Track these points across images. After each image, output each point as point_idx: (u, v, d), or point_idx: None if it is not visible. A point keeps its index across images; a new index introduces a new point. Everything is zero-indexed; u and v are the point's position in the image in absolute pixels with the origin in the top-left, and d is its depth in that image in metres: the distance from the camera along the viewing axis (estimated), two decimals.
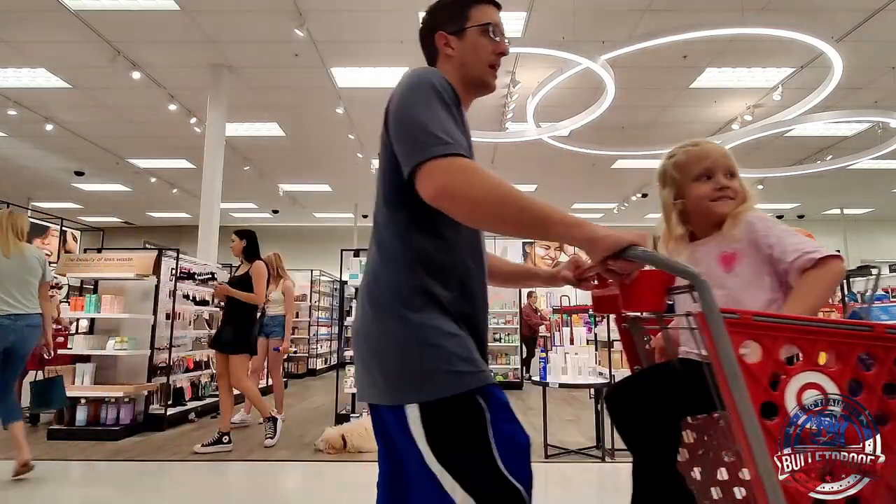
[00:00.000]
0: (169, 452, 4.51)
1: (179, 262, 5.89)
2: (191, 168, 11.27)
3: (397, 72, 6.84)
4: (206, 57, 6.94)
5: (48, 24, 6.13)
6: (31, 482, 3.71)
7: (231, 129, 8.92)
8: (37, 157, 10.81)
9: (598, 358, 4.82)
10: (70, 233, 8.87)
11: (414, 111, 1.09)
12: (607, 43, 5.98)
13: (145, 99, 8.02)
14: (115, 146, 10.19)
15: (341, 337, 12.69)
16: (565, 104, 7.73)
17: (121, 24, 6.15)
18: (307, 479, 4.11)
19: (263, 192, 13.32)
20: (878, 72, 7.13)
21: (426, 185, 1.04)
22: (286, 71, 7.27)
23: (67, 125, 9.09)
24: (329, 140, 9.78)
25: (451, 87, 1.16)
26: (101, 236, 8.82)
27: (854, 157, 8.47)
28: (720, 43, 6.45)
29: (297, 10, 5.86)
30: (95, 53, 6.65)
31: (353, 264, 5.81)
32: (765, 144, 9.60)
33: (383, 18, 6.07)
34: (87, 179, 12.27)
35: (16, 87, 7.73)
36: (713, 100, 8.13)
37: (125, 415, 5.14)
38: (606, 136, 9.25)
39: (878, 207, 14.99)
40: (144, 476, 4.01)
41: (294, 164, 11.32)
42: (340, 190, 13.29)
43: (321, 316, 11.98)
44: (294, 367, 10.84)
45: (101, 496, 3.74)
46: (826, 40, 4.96)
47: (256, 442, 4.95)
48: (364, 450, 4.51)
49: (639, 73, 7.15)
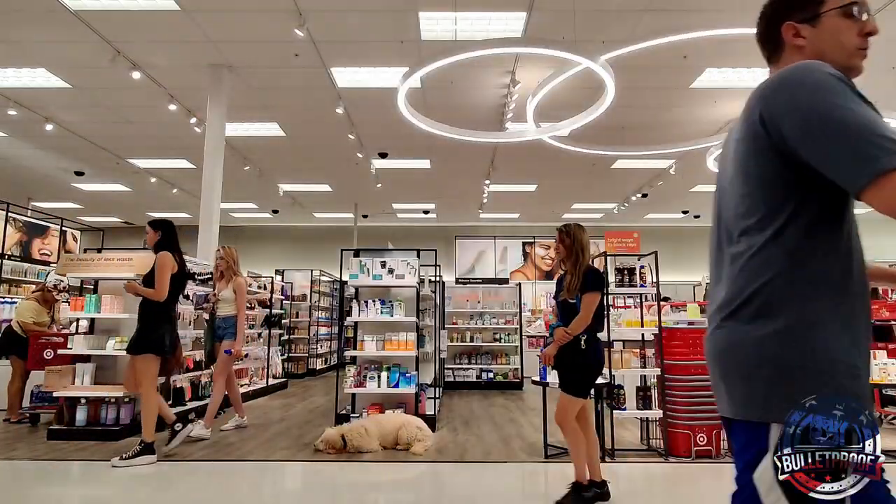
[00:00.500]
0: (169, 452, 4.51)
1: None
2: (191, 168, 11.27)
3: (397, 72, 6.83)
4: (206, 57, 6.94)
5: (48, 24, 6.13)
6: (31, 482, 3.71)
7: (231, 129, 8.91)
8: (37, 157, 10.81)
9: None
10: (70, 233, 8.87)
11: (837, 113, 0.97)
12: (607, 43, 5.99)
13: (145, 99, 8.02)
14: (115, 146, 10.19)
15: (341, 337, 12.72)
16: (565, 104, 7.73)
17: (121, 24, 6.15)
18: (307, 479, 4.10)
19: (263, 192, 13.32)
20: (878, 72, 7.13)
21: (887, 197, 0.93)
22: (286, 71, 7.27)
23: (67, 125, 9.09)
24: (329, 140, 9.78)
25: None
26: (101, 236, 8.83)
27: None
28: (720, 43, 6.44)
29: (297, 10, 5.86)
30: (95, 53, 6.65)
31: (353, 264, 5.81)
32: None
33: (383, 18, 6.07)
34: (87, 179, 12.26)
35: (16, 87, 7.73)
36: (713, 100, 8.12)
37: (125, 415, 5.14)
38: (606, 136, 9.24)
39: None
40: (145, 476, 4.01)
41: (294, 164, 11.32)
42: (340, 190, 13.29)
43: (321, 316, 11.98)
44: (294, 367, 10.85)
45: (101, 496, 3.74)
46: None
47: (257, 442, 4.95)
48: (364, 450, 4.51)
49: (639, 73, 7.15)
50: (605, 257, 5.16)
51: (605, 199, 14.16)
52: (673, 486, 3.83)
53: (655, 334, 4.65)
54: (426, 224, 17.12)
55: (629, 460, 4.36)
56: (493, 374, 9.21)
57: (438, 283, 7.72)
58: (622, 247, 12.81)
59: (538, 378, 4.55)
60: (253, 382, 8.12)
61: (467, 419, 6.20)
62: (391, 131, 9.23)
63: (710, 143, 7.99)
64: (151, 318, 4.30)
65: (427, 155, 10.64)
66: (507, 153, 10.40)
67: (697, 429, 4.36)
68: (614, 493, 3.31)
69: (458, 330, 9.45)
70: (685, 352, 4.50)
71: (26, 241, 8.03)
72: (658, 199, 13.81)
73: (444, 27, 6.21)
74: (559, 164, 10.89)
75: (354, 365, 5.66)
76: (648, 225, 17.03)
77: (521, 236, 17.13)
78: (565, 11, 5.79)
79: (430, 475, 4.08)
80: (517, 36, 6.29)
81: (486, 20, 6.08)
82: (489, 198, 13.44)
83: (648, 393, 4.54)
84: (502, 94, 7.87)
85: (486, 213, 15.42)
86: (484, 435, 5.31)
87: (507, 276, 16.39)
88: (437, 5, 5.80)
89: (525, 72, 7.16)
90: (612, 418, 4.46)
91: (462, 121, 8.42)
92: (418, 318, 5.82)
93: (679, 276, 15.54)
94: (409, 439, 4.60)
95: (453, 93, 7.89)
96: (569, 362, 3.31)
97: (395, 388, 5.43)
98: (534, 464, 4.27)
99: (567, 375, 3.31)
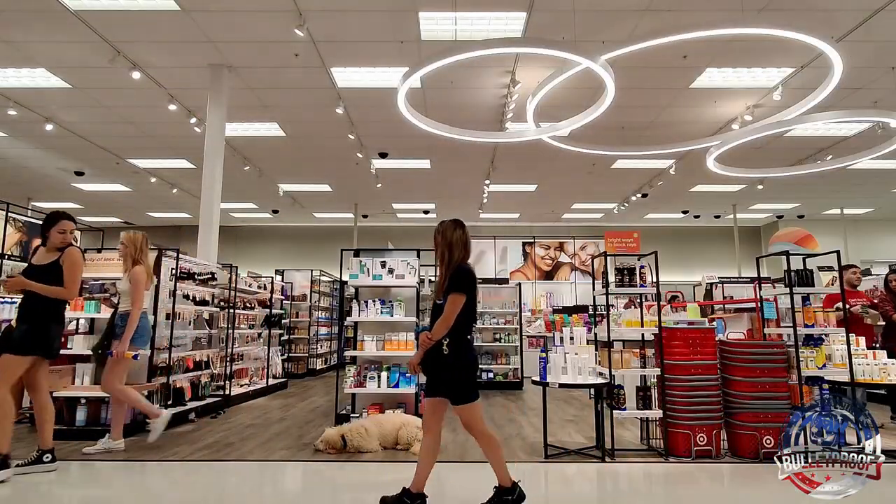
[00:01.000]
0: (169, 452, 4.51)
1: (179, 262, 5.90)
2: (191, 168, 11.28)
3: (397, 72, 6.84)
4: (206, 57, 6.94)
5: (48, 24, 6.13)
6: (31, 482, 3.71)
7: (231, 129, 8.92)
8: (37, 157, 10.81)
9: (598, 358, 4.82)
10: None
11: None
12: (607, 43, 5.98)
13: (145, 99, 8.02)
14: (115, 146, 10.20)
15: (341, 337, 12.72)
16: (565, 104, 7.73)
17: (121, 24, 6.15)
18: (307, 479, 4.10)
19: (263, 192, 13.33)
20: (878, 72, 7.13)
21: None
22: (286, 71, 7.27)
23: (67, 125, 9.09)
24: (329, 140, 9.79)
25: None
26: (101, 236, 8.83)
27: (854, 157, 8.47)
28: (720, 43, 6.45)
29: (297, 10, 5.86)
30: (95, 53, 6.65)
31: (353, 264, 5.81)
32: (765, 144, 9.60)
33: (383, 18, 6.07)
34: (87, 179, 12.27)
35: (16, 87, 7.74)
36: (713, 100, 8.13)
37: (125, 415, 5.14)
38: (606, 136, 9.25)
39: (878, 207, 14.98)
40: (144, 476, 4.01)
41: (294, 164, 11.32)
42: (340, 190, 13.29)
43: (321, 316, 11.99)
44: (294, 367, 10.86)
45: (101, 496, 3.74)
46: (826, 40, 4.96)
47: (257, 442, 4.95)
48: (364, 450, 4.52)
49: (639, 73, 7.15)
50: (605, 257, 5.16)
51: (605, 199, 14.16)
52: (673, 486, 3.83)
53: (655, 334, 4.65)
54: (426, 224, 17.12)
55: (629, 460, 4.36)
56: (493, 374, 9.21)
57: None
58: (622, 247, 12.83)
59: (538, 378, 4.56)
60: (253, 382, 8.12)
61: None
62: (391, 131, 9.23)
63: (710, 143, 7.98)
64: (44, 316, 3.85)
65: (427, 155, 10.64)
66: (507, 153, 10.40)
67: (697, 429, 4.36)
68: (616, 492, 3.31)
69: None
70: (685, 352, 4.50)
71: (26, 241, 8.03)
72: (658, 199, 13.81)
73: (444, 27, 6.21)
74: (559, 164, 10.90)
75: (354, 365, 5.66)
76: (648, 225, 17.03)
77: (521, 236, 17.13)
78: (565, 11, 5.80)
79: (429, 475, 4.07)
80: (517, 36, 6.29)
81: (486, 20, 6.08)
82: (489, 198, 13.44)
83: (648, 393, 4.54)
84: (502, 94, 7.88)
85: (486, 213, 15.42)
86: None
87: (506, 276, 16.39)
88: (437, 5, 5.81)
89: (525, 72, 7.16)
90: (612, 418, 4.46)
91: (462, 121, 8.42)
92: (418, 318, 5.82)
93: (679, 277, 15.55)
94: (409, 439, 4.60)
95: (453, 93, 7.89)
96: (435, 369, 3.06)
97: (395, 388, 5.44)
98: (534, 464, 4.27)
99: (442, 384, 3.04)
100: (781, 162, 10.52)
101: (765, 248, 16.18)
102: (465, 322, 3.08)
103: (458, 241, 3.18)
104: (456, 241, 3.18)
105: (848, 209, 15.15)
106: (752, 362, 4.45)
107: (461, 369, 3.03)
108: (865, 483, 2.89)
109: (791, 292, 4.61)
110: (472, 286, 3.10)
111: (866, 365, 4.73)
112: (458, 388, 3.02)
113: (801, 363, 4.45)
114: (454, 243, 3.18)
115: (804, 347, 4.55)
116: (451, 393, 3.04)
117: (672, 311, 6.05)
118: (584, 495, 3.81)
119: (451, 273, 3.10)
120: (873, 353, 4.84)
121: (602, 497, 3.78)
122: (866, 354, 4.81)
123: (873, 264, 14.32)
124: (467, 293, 3.05)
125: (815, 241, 9.95)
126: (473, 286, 3.11)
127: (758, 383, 4.41)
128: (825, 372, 4.57)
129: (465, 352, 3.07)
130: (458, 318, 3.03)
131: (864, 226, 16.21)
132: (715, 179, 11.29)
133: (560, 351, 4.56)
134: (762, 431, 4.31)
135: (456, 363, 3.02)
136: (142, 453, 4.49)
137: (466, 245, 3.22)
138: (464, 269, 3.12)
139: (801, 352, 4.49)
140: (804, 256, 5.23)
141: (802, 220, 15.89)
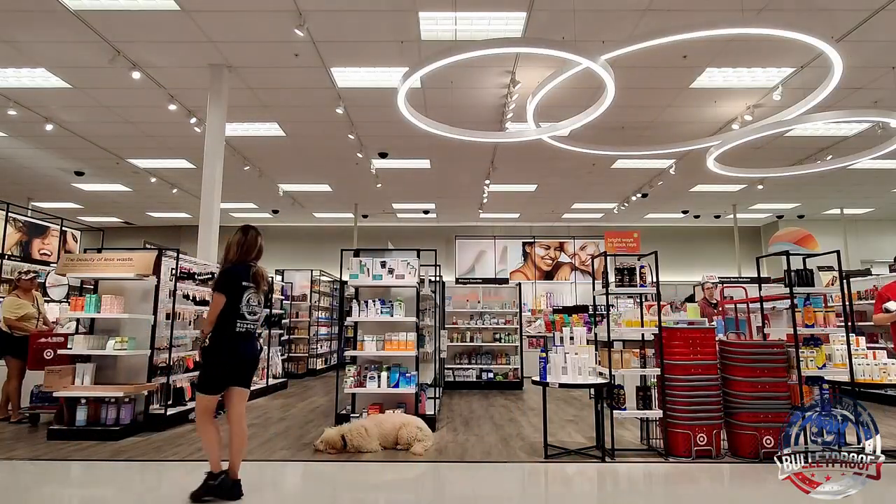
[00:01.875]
0: (169, 452, 4.51)
1: (179, 262, 5.89)
2: (191, 168, 11.27)
3: (397, 72, 6.83)
4: (206, 57, 6.94)
5: (48, 24, 6.13)
6: (31, 482, 3.71)
7: (231, 129, 8.92)
8: (37, 157, 10.81)
9: (598, 358, 4.82)
10: (70, 233, 8.87)
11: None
12: (607, 43, 5.98)
13: (145, 99, 8.02)
14: (115, 146, 10.19)
15: (341, 337, 12.71)
16: (565, 104, 7.73)
17: (121, 24, 6.15)
18: (307, 479, 4.10)
19: (263, 192, 13.32)
20: (878, 72, 7.13)
21: None
22: (286, 71, 7.27)
23: (67, 125, 9.09)
24: (329, 140, 9.78)
25: None
26: (101, 236, 8.82)
27: (854, 157, 8.47)
28: (720, 43, 6.45)
29: (297, 10, 5.86)
30: (95, 53, 6.65)
31: (353, 264, 5.80)
32: (765, 144, 9.60)
33: (383, 18, 6.07)
34: (87, 179, 12.26)
35: (16, 87, 7.73)
36: (713, 100, 8.12)
37: (125, 415, 5.14)
38: (606, 136, 9.25)
39: (878, 207, 14.98)
40: (144, 476, 4.01)
41: (294, 164, 11.32)
42: (340, 190, 13.29)
43: (321, 316, 11.98)
44: (294, 367, 10.85)
45: (101, 496, 3.74)
46: (826, 40, 4.95)
47: (257, 442, 4.95)
48: (364, 450, 4.52)
49: (639, 73, 7.15)
50: (605, 257, 5.16)
51: (605, 199, 14.16)
52: (673, 486, 3.83)
53: (655, 334, 4.65)
54: (426, 224, 17.12)
55: (629, 460, 4.36)
56: (493, 374, 9.21)
57: (438, 283, 7.72)
58: (622, 247, 12.83)
59: (538, 378, 4.56)
60: (253, 382, 8.11)
61: (467, 419, 6.20)
62: (391, 131, 9.23)
63: (710, 143, 7.98)
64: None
65: (427, 155, 10.64)
66: (507, 153, 10.40)
67: (697, 429, 4.36)
68: (616, 492, 3.31)
69: (458, 330, 9.45)
70: (685, 352, 4.50)
71: (26, 241, 8.03)
72: (658, 199, 13.81)
73: (444, 27, 6.21)
74: (559, 163, 10.89)
75: (354, 365, 5.66)
76: (648, 225, 17.03)
77: (520, 236, 17.13)
78: (565, 11, 5.79)
79: (430, 475, 4.08)
80: (517, 36, 6.29)
81: (486, 20, 6.08)
82: (489, 198, 13.44)
83: (648, 393, 4.54)
84: (502, 94, 7.88)
85: (485, 213, 15.42)
86: (484, 435, 5.31)
87: (506, 275, 16.39)
88: (437, 5, 5.81)
89: (525, 72, 7.16)
90: (612, 418, 4.46)
91: (462, 121, 8.42)
92: (418, 318, 5.82)
93: (679, 276, 15.56)
94: (409, 439, 4.60)
95: (453, 93, 7.89)
96: (201, 361, 3.46)
97: (395, 388, 5.43)
98: (534, 464, 4.27)
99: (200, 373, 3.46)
100: (781, 162, 10.52)
101: (765, 248, 16.19)
102: (227, 319, 3.38)
103: (233, 244, 3.52)
104: (232, 243, 3.51)
105: (848, 209, 15.15)
106: (752, 362, 4.45)
107: (214, 364, 3.38)
108: (865, 483, 2.89)
109: (791, 292, 4.61)
110: (231, 288, 3.39)
111: (866, 365, 4.73)
112: (202, 376, 3.43)
113: (801, 363, 4.45)
114: (230, 245, 3.52)
115: (804, 347, 4.55)
116: (198, 378, 3.47)
117: (672, 312, 6.04)
118: (584, 495, 3.81)
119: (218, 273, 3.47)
120: (873, 353, 4.85)
121: (602, 497, 3.79)
122: (866, 354, 4.82)
123: (873, 264, 14.33)
124: (223, 293, 3.36)
125: (815, 241, 9.96)
126: (233, 287, 3.40)
127: (758, 383, 4.41)
128: (825, 372, 4.57)
129: (222, 348, 3.38)
130: (221, 316, 3.35)
131: (864, 226, 16.21)
132: (715, 179, 11.29)
133: (560, 351, 4.56)
134: (762, 431, 4.31)
135: (206, 356, 3.40)
136: (142, 453, 4.49)
137: (243, 247, 3.50)
138: (224, 270, 3.45)
139: (801, 352, 4.49)
140: (804, 256, 5.23)
141: (802, 220, 15.89)
